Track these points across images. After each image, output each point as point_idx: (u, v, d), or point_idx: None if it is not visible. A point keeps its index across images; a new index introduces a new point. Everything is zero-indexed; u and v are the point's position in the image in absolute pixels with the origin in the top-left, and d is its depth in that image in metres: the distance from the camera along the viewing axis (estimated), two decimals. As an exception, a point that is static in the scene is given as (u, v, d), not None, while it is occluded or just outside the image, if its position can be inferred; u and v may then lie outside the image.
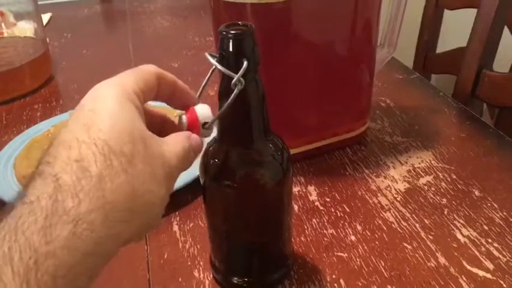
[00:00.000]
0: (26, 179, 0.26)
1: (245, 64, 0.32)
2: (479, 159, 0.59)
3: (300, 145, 0.58)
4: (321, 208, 0.52)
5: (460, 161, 0.58)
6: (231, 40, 0.32)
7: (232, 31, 0.32)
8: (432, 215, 0.50)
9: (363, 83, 0.60)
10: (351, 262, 0.45)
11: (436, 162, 0.58)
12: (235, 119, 0.35)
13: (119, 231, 0.26)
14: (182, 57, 0.93)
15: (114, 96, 0.28)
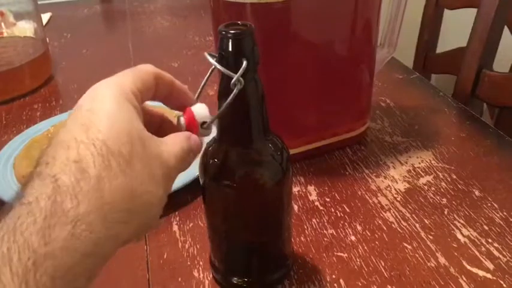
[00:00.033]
0: (25, 179, 0.26)
1: (244, 64, 0.31)
2: (479, 159, 0.59)
3: (300, 145, 0.58)
4: (321, 208, 0.52)
5: (460, 161, 0.58)
6: (231, 40, 0.32)
7: (231, 31, 0.32)
8: (432, 215, 0.50)
9: (363, 83, 0.59)
10: (351, 262, 0.45)
11: (436, 162, 0.58)
12: (234, 119, 0.35)
13: (118, 232, 0.26)
14: (182, 56, 0.93)
15: (112, 96, 0.27)
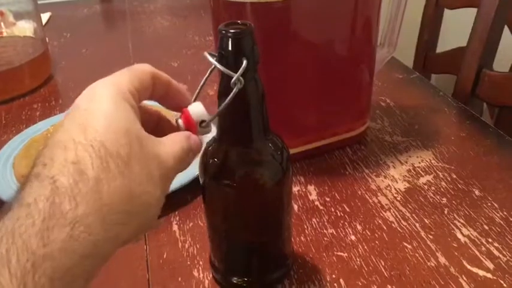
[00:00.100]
0: (23, 180, 0.26)
1: (244, 63, 0.31)
2: (479, 158, 0.59)
3: (300, 144, 0.58)
4: (321, 208, 0.52)
5: (460, 161, 0.58)
6: (231, 39, 0.31)
7: (231, 30, 0.32)
8: (432, 215, 0.50)
9: (363, 83, 0.59)
10: (351, 262, 0.45)
11: (436, 161, 0.58)
12: (234, 118, 0.35)
13: (116, 233, 0.26)
14: (182, 56, 0.93)
15: (109, 95, 0.27)
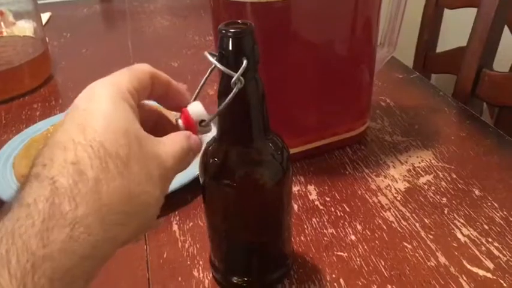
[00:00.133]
0: (23, 180, 0.26)
1: (245, 63, 0.31)
2: (479, 158, 0.59)
3: (300, 144, 0.58)
4: (321, 207, 0.52)
5: (460, 160, 0.58)
6: (231, 39, 0.31)
7: (231, 29, 0.31)
8: (432, 215, 0.50)
9: (363, 83, 0.59)
10: (351, 261, 0.45)
11: (436, 161, 0.58)
12: (234, 118, 0.35)
13: (116, 233, 0.25)
14: (182, 56, 0.93)
15: (108, 95, 0.27)
